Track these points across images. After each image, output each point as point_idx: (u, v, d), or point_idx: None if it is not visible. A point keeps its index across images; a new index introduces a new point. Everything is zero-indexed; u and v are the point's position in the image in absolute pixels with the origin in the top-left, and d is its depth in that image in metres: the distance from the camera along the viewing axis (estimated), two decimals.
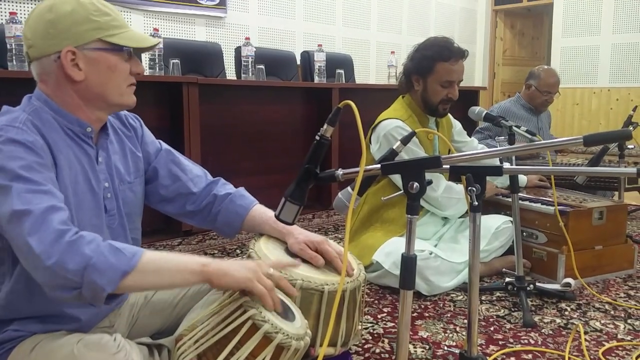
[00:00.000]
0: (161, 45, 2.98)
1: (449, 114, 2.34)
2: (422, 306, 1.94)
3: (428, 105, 2.15)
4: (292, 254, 1.31)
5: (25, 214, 0.92)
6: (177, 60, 3.05)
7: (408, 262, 1.05)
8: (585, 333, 1.73)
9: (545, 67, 3.33)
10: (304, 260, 1.29)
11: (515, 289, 1.96)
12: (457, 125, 2.39)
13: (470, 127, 3.45)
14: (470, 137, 2.63)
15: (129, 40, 1.09)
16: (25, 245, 0.92)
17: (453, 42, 2.12)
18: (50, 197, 0.96)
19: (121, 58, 1.10)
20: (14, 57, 2.44)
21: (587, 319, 1.85)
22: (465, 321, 1.79)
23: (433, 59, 2.08)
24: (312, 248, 1.29)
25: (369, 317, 1.85)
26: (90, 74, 1.07)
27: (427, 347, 1.63)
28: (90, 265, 0.91)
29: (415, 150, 2.08)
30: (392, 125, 2.09)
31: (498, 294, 2.06)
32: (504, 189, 2.50)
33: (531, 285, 1.97)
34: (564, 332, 1.74)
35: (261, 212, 1.35)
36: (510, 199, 2.01)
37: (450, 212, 2.23)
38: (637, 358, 1.56)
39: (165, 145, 1.36)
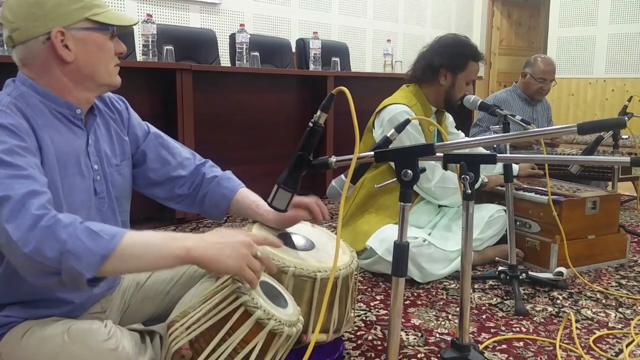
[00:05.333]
0: (154, 32, 2.95)
1: None
2: (415, 294, 1.95)
3: (450, 99, 2.19)
4: (284, 241, 1.31)
5: (4, 200, 0.90)
6: (170, 47, 3.02)
7: (400, 250, 1.05)
8: (577, 321, 1.74)
9: (542, 55, 3.33)
10: (299, 249, 1.29)
11: (507, 277, 1.97)
12: (449, 117, 2.40)
13: (464, 116, 3.46)
14: (469, 130, 2.64)
15: (112, 19, 1.10)
16: (3, 232, 0.90)
17: None
18: (31, 182, 0.94)
19: (107, 37, 1.10)
20: (5, 43, 2.41)
21: (578, 308, 1.86)
22: (458, 309, 1.79)
23: (466, 57, 2.16)
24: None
25: (361, 304, 1.86)
26: (80, 55, 1.06)
27: (420, 334, 1.64)
28: (66, 250, 0.89)
29: (416, 136, 2.08)
30: (399, 110, 2.09)
31: (491, 282, 2.07)
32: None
33: (524, 274, 1.98)
34: (555, 321, 1.75)
35: (244, 197, 1.34)
36: (504, 188, 2.02)
37: (447, 202, 2.24)
38: (627, 346, 1.57)
39: (152, 128, 1.34)
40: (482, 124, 3.19)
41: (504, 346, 1.58)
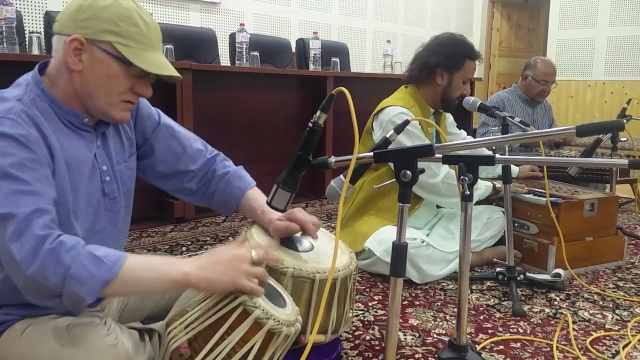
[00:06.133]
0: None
1: None
2: (413, 294, 1.95)
3: (447, 99, 2.17)
4: (284, 242, 1.31)
5: (9, 218, 0.90)
6: (170, 46, 3.03)
7: (399, 250, 1.05)
8: (574, 323, 1.74)
9: (542, 57, 3.34)
10: (299, 250, 1.29)
11: (505, 278, 1.97)
12: (449, 117, 2.40)
13: (464, 117, 3.46)
14: (468, 129, 2.62)
15: (140, 59, 1.04)
16: (7, 251, 0.90)
17: None
18: (37, 199, 0.94)
19: (125, 71, 1.05)
20: (4, 40, 2.41)
21: (575, 309, 1.87)
22: (456, 310, 1.80)
23: (464, 56, 2.14)
24: (284, 219, 1.28)
25: (359, 304, 1.86)
26: (88, 70, 1.05)
27: (417, 334, 1.64)
28: (69, 275, 0.90)
29: (418, 136, 2.08)
30: (397, 112, 2.09)
31: (488, 283, 2.07)
32: (494, 179, 2.50)
33: (521, 275, 1.99)
34: (552, 322, 1.76)
35: (252, 199, 1.33)
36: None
37: (452, 201, 2.22)
38: (624, 348, 1.58)
39: (164, 118, 1.32)
40: (490, 123, 3.19)
41: (501, 347, 1.59)
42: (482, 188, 2.21)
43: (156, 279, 0.98)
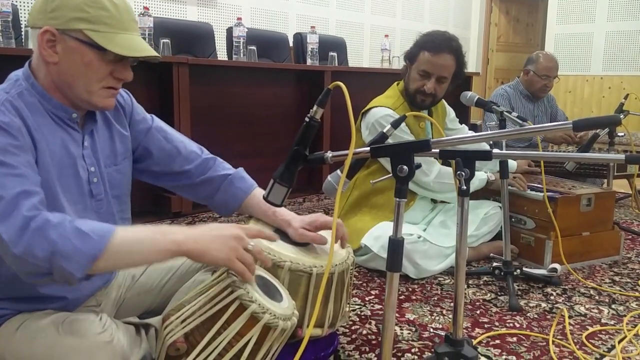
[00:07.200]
0: (151, 25, 2.93)
1: (444, 102, 2.34)
2: (410, 289, 1.96)
3: (407, 92, 2.17)
4: (280, 235, 1.31)
5: None
6: (167, 40, 3.01)
7: (395, 245, 1.05)
8: (570, 317, 1.75)
9: (544, 52, 3.33)
10: (295, 243, 1.29)
11: (502, 273, 1.97)
12: (451, 113, 2.39)
13: (462, 112, 3.46)
14: (468, 124, 2.61)
15: (113, 44, 1.02)
16: None
17: (450, 38, 2.10)
18: (23, 181, 0.94)
19: (100, 57, 1.04)
20: (0, 34, 2.39)
21: (572, 304, 1.87)
22: (452, 304, 1.80)
23: (419, 47, 2.11)
24: (311, 229, 1.28)
25: (356, 299, 1.87)
26: (64, 61, 1.03)
27: (414, 329, 1.65)
28: (56, 251, 0.89)
29: (402, 137, 2.07)
30: (382, 113, 2.09)
31: (485, 278, 2.08)
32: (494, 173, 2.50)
33: (518, 270, 1.99)
34: (548, 317, 1.76)
35: (257, 202, 1.32)
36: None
37: (445, 196, 2.24)
38: (619, 342, 1.59)
39: (156, 121, 1.32)
40: (489, 118, 3.18)
41: (498, 341, 1.59)
42: (476, 182, 2.21)
43: (148, 249, 0.97)
